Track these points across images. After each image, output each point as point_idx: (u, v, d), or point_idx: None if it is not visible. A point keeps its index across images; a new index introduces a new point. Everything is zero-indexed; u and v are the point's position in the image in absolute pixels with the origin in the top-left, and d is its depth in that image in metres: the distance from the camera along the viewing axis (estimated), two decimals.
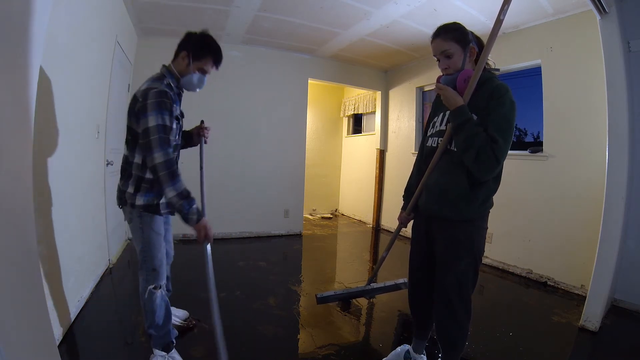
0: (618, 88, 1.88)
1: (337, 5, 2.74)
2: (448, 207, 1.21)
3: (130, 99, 1.36)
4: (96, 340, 1.67)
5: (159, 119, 1.24)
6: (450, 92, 1.17)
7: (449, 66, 1.21)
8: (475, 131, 1.10)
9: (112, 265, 2.64)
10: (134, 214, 1.38)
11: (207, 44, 1.41)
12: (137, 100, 1.29)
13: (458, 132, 1.15)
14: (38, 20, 0.88)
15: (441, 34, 1.21)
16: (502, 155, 1.09)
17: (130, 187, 1.36)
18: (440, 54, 1.22)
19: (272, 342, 1.73)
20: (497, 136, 1.08)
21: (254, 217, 3.86)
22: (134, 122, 1.31)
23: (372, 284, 1.95)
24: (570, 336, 1.88)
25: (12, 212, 0.80)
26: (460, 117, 1.14)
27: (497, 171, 1.13)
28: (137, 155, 1.35)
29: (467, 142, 1.11)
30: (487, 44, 1.15)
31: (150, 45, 3.40)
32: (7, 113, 0.78)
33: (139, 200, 1.35)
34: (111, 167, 2.63)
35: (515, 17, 2.74)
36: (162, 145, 1.24)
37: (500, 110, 1.11)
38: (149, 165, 1.26)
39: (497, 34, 1.14)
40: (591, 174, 2.39)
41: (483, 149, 1.08)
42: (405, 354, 1.51)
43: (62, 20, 1.53)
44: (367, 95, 5.02)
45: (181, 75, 1.41)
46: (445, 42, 1.20)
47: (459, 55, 1.20)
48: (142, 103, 1.27)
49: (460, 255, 1.21)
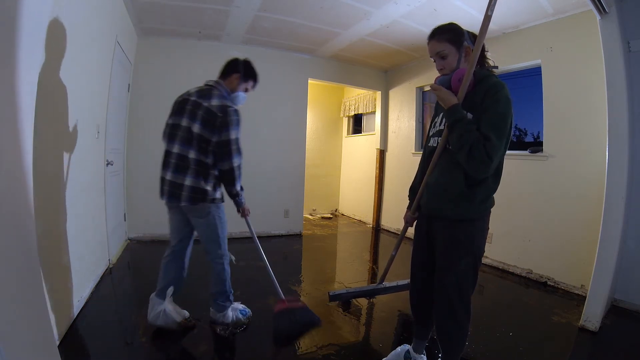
0: (618, 88, 1.88)
1: (337, 5, 2.74)
2: (448, 206, 1.22)
3: (191, 104, 1.65)
4: (96, 340, 1.66)
5: (238, 133, 1.64)
6: (443, 92, 1.19)
7: (444, 67, 1.23)
8: (467, 129, 1.11)
9: (112, 265, 2.64)
10: (212, 207, 1.69)
11: (252, 70, 1.82)
12: (212, 113, 1.60)
13: (451, 131, 1.16)
14: (38, 20, 0.88)
15: (435, 35, 1.23)
16: (495, 153, 1.08)
17: (208, 185, 1.64)
18: (436, 55, 1.24)
19: (273, 342, 1.73)
20: (490, 134, 1.08)
21: (254, 217, 3.79)
22: (206, 129, 1.59)
23: (383, 282, 1.96)
24: (570, 336, 1.88)
25: (12, 212, 0.80)
26: (453, 116, 1.15)
27: (491, 169, 1.12)
28: (201, 155, 1.62)
29: (459, 140, 1.12)
30: (477, 41, 1.16)
31: (150, 45, 3.41)
32: (7, 113, 0.78)
33: (217, 194, 1.70)
34: (111, 167, 2.63)
35: (515, 17, 2.74)
36: (240, 153, 1.66)
37: (495, 108, 1.11)
38: (225, 167, 1.63)
39: (486, 30, 1.15)
40: (591, 174, 2.39)
41: (475, 147, 1.08)
42: (405, 354, 1.50)
43: (62, 20, 1.53)
44: (367, 95, 5.02)
45: (231, 92, 1.75)
46: (439, 44, 1.22)
47: (453, 56, 1.21)
48: (223, 118, 1.59)
49: (460, 254, 1.21)
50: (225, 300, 1.84)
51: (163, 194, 1.69)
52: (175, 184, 1.62)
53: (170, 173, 1.64)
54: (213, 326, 1.83)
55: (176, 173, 1.62)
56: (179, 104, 1.72)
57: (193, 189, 1.61)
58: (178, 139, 1.63)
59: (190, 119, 1.62)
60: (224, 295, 1.83)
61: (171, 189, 1.64)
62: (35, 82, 0.90)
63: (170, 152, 1.66)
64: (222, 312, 1.83)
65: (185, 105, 1.67)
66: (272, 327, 1.60)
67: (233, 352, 1.69)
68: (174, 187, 1.63)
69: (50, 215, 1.53)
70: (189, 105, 1.65)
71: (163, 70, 3.46)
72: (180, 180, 1.61)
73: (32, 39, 0.86)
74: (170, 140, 1.67)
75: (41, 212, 1.42)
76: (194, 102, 1.64)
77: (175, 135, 1.65)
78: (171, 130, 1.68)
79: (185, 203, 1.62)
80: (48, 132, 1.50)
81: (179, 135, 1.63)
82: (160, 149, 1.74)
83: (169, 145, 1.68)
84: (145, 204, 3.43)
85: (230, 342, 1.75)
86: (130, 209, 3.40)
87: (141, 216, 3.44)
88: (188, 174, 1.61)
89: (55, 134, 1.58)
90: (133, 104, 3.34)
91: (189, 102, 1.66)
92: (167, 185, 1.65)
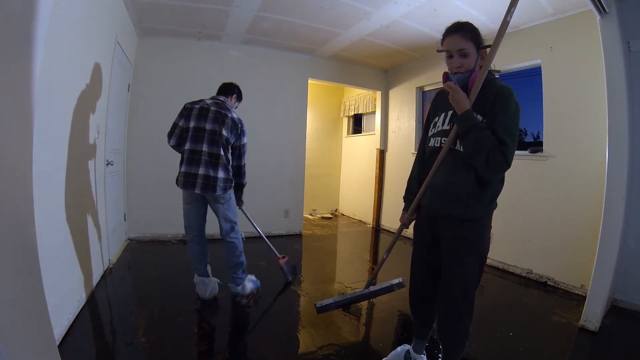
0: (618, 88, 1.88)
1: (337, 5, 2.74)
2: (457, 206, 1.21)
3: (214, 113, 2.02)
4: (96, 340, 1.67)
5: (246, 139, 2.17)
6: (460, 95, 1.16)
7: (463, 65, 1.20)
8: (484, 135, 1.11)
9: (112, 265, 2.64)
10: (231, 193, 2.11)
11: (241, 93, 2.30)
12: (235, 123, 2.07)
13: (465, 137, 1.15)
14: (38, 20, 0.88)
15: (460, 30, 1.19)
16: (511, 156, 1.11)
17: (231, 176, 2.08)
18: (457, 51, 1.20)
19: (273, 342, 1.73)
20: (506, 138, 1.10)
21: (254, 217, 3.84)
22: (232, 134, 2.06)
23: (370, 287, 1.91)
24: (570, 336, 1.88)
25: (12, 212, 0.80)
26: (467, 122, 1.14)
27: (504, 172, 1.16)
28: (227, 154, 2.06)
29: (475, 146, 1.12)
30: (493, 45, 1.15)
31: (150, 45, 3.40)
32: (7, 113, 0.78)
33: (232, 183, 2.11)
34: (111, 167, 2.63)
35: (515, 17, 2.71)
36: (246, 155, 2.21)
37: (508, 112, 1.12)
38: (240, 164, 2.16)
39: (504, 35, 1.14)
40: (591, 174, 2.39)
41: (493, 152, 1.09)
42: (406, 354, 1.50)
43: (62, 20, 1.53)
44: (367, 95, 5.02)
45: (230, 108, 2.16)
46: (464, 41, 1.18)
47: (473, 56, 1.19)
48: (241, 128, 2.11)
49: (468, 254, 1.22)
50: (243, 272, 2.17)
51: (192, 186, 1.96)
52: (209, 177, 1.96)
53: (203, 168, 1.96)
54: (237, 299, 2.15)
55: (208, 168, 1.96)
56: (199, 110, 2.01)
57: (224, 180, 2.01)
58: (205, 140, 1.97)
59: (218, 124, 1.99)
60: (241, 267, 2.16)
61: (204, 181, 1.95)
62: (35, 82, 0.90)
63: (196, 151, 1.97)
64: (240, 284, 2.16)
65: (207, 113, 2.00)
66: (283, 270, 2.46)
67: (234, 352, 1.69)
68: (207, 180, 1.96)
69: (50, 215, 1.53)
70: (211, 113, 2.01)
71: (163, 70, 3.46)
72: (213, 173, 1.97)
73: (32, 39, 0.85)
74: (196, 141, 1.97)
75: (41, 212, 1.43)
76: (218, 112, 2.02)
77: (201, 137, 1.97)
78: (195, 132, 1.98)
79: (220, 192, 2.00)
80: (48, 132, 1.50)
81: (206, 137, 1.97)
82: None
83: (194, 145, 1.97)
84: (145, 204, 3.43)
85: (230, 343, 1.75)
86: (130, 209, 3.39)
87: (141, 216, 3.44)
88: (219, 168, 1.99)
89: (55, 134, 1.58)
90: (133, 104, 3.34)
91: (210, 110, 2.01)
92: (200, 178, 1.95)
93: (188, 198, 2.07)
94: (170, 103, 3.48)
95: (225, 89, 2.20)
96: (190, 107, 2.03)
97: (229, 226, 2.11)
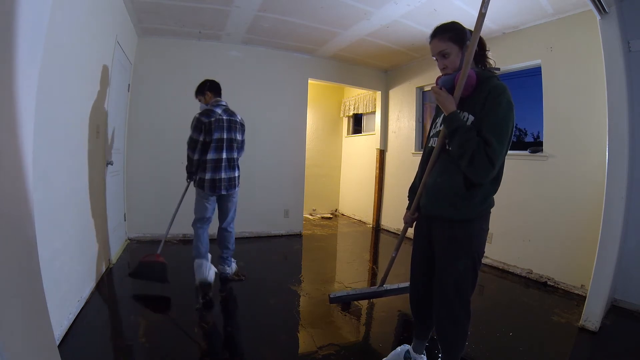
0: (618, 88, 1.88)
1: (337, 5, 2.74)
2: (446, 207, 1.21)
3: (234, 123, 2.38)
4: (96, 340, 1.67)
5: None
6: (443, 97, 1.18)
7: (447, 66, 1.21)
8: (468, 137, 1.10)
9: (112, 265, 2.64)
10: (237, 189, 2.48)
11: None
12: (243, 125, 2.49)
13: (452, 138, 1.16)
14: (38, 20, 0.88)
15: (438, 34, 1.21)
16: (497, 158, 1.08)
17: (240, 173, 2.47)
18: (438, 54, 1.22)
19: (272, 342, 1.73)
20: (491, 138, 1.07)
21: (254, 217, 3.86)
22: (242, 135, 2.48)
23: (384, 285, 1.93)
24: (570, 336, 1.88)
25: (12, 213, 0.80)
26: (452, 123, 1.15)
27: (492, 174, 1.12)
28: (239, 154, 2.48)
29: (460, 147, 1.12)
30: (472, 38, 1.15)
31: (150, 45, 3.41)
32: (7, 113, 0.78)
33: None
34: (111, 167, 2.63)
35: (515, 17, 2.74)
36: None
37: (496, 111, 1.10)
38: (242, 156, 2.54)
39: (481, 28, 1.14)
40: (591, 174, 2.39)
41: (477, 154, 1.08)
42: (405, 354, 1.50)
43: (62, 20, 1.53)
44: (367, 95, 5.02)
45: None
46: (442, 42, 1.20)
47: (456, 55, 1.20)
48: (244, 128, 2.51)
49: (458, 255, 1.21)
50: (231, 255, 2.58)
51: (220, 189, 2.31)
52: (231, 179, 2.36)
53: (224, 172, 2.31)
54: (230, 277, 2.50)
55: (228, 171, 2.34)
56: (216, 122, 2.27)
57: (239, 177, 2.46)
58: (225, 149, 2.31)
59: (233, 132, 2.36)
60: (233, 252, 2.58)
61: (228, 183, 2.34)
62: (35, 82, 0.90)
63: (219, 159, 2.29)
64: (230, 265, 2.54)
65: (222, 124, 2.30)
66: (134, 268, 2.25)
67: (233, 352, 1.69)
68: (229, 181, 2.35)
69: (50, 215, 1.53)
70: (225, 123, 2.31)
71: (163, 70, 3.46)
72: (232, 174, 2.38)
73: (32, 39, 0.85)
74: (217, 150, 2.29)
75: (41, 212, 1.43)
76: (230, 120, 2.34)
77: (220, 146, 2.29)
78: (216, 143, 2.28)
79: (238, 188, 2.45)
80: (48, 132, 1.50)
81: (225, 146, 2.31)
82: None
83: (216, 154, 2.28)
84: (145, 204, 3.43)
85: (230, 343, 1.75)
86: (130, 209, 3.39)
87: (141, 216, 3.44)
88: (236, 169, 2.42)
89: (55, 134, 1.58)
90: (133, 104, 3.34)
91: (224, 121, 2.30)
92: (225, 182, 2.32)
93: (209, 197, 2.35)
94: (170, 103, 3.50)
95: (219, 88, 2.45)
96: (207, 121, 2.24)
97: (232, 217, 2.49)
